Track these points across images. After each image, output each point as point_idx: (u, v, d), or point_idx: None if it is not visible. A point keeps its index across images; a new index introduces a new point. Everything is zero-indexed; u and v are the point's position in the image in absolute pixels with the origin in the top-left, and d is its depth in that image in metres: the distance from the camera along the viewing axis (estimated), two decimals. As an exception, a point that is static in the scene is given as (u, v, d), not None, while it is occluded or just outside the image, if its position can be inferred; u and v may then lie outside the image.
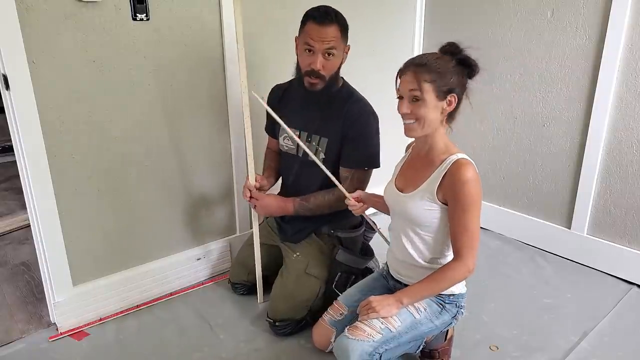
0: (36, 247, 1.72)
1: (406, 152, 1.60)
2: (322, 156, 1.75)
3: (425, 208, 1.39)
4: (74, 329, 1.81)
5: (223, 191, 2.13)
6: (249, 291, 2.00)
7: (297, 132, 1.78)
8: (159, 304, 1.97)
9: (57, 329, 1.79)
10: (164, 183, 1.93)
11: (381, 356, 1.37)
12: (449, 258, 1.44)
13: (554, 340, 1.77)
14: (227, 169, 2.11)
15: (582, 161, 2.18)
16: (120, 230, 1.87)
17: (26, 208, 1.69)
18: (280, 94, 1.87)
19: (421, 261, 1.45)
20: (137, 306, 1.94)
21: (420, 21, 2.65)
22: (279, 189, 1.98)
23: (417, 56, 1.38)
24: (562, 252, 2.33)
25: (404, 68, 1.36)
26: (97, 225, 1.81)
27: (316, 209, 1.77)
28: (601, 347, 1.72)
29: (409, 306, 1.42)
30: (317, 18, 1.60)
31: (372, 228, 1.80)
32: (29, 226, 1.75)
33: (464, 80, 1.37)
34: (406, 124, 1.37)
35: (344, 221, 1.83)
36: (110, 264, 1.88)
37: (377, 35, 2.49)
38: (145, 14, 1.71)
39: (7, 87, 1.51)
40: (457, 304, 1.49)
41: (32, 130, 1.57)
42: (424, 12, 2.64)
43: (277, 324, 1.75)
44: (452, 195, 1.34)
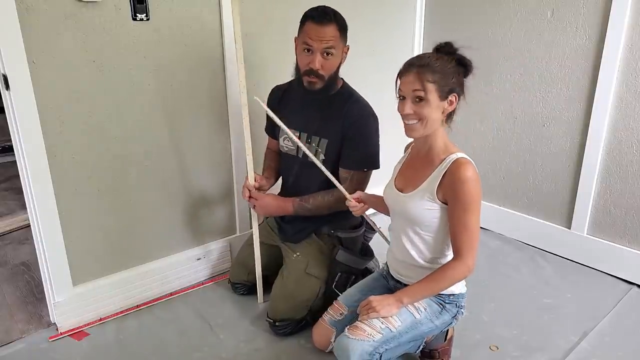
0: (36, 247, 1.72)
1: (405, 152, 1.60)
2: (322, 157, 1.75)
3: (426, 207, 1.39)
4: (74, 329, 1.81)
5: (223, 191, 2.13)
6: (249, 291, 2.00)
7: (297, 133, 1.78)
8: (159, 304, 1.97)
9: (57, 329, 1.79)
10: (164, 183, 1.93)
11: (381, 356, 1.37)
12: (449, 258, 1.44)
13: (554, 340, 1.77)
14: (227, 169, 2.11)
15: (582, 161, 2.18)
16: (120, 230, 1.87)
17: (26, 208, 1.69)
18: (280, 95, 1.87)
19: (421, 261, 1.45)
20: (137, 306, 1.94)
21: (420, 21, 2.65)
22: (279, 189, 1.98)
23: (417, 57, 1.38)
24: (562, 252, 2.33)
25: (406, 68, 1.35)
26: (97, 225, 1.81)
27: (315, 210, 1.77)
28: (601, 347, 1.72)
29: (409, 306, 1.42)
30: (316, 18, 1.60)
31: (372, 228, 1.80)
32: (29, 226, 1.75)
33: (462, 80, 1.38)
34: (408, 124, 1.37)
35: (345, 221, 1.83)
36: (110, 264, 1.89)
37: (377, 35, 2.49)
38: (145, 14, 1.71)
39: (7, 87, 1.51)
40: (457, 304, 1.49)
41: (32, 130, 1.57)
42: (424, 12, 2.64)
43: (277, 324, 1.75)
44: (452, 194, 1.34)
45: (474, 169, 1.34)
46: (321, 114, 1.75)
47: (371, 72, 2.46)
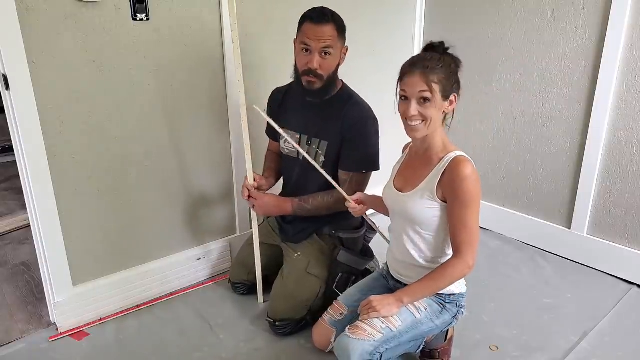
0: (36, 247, 1.72)
1: (403, 152, 1.60)
2: (322, 159, 1.75)
3: (426, 207, 1.39)
4: (74, 329, 1.81)
5: (223, 191, 2.13)
6: (249, 291, 2.00)
7: (298, 135, 1.78)
8: (159, 304, 1.97)
9: (57, 329, 1.79)
10: (164, 183, 1.93)
11: (382, 356, 1.37)
12: (449, 257, 1.44)
13: (554, 340, 1.77)
14: (227, 169, 2.11)
15: (582, 161, 2.18)
16: (120, 230, 1.87)
17: (26, 208, 1.69)
18: (281, 98, 1.88)
19: (422, 261, 1.45)
20: (137, 306, 1.94)
21: (420, 21, 2.65)
22: (279, 190, 1.98)
23: (417, 57, 1.37)
24: (562, 252, 2.33)
25: (409, 69, 1.33)
26: (97, 225, 1.81)
27: (315, 210, 1.77)
28: (601, 347, 1.72)
29: (410, 306, 1.42)
30: (314, 18, 1.61)
31: (373, 229, 1.80)
32: (29, 226, 1.75)
33: (459, 79, 1.38)
34: (412, 125, 1.35)
35: (346, 222, 1.83)
36: (110, 264, 1.88)
37: (377, 35, 2.49)
38: (145, 14, 1.71)
39: (7, 87, 1.51)
40: (458, 304, 1.49)
41: (32, 130, 1.57)
42: (424, 12, 2.64)
43: (277, 323, 1.75)
44: (452, 192, 1.34)
45: (472, 167, 1.34)
46: (321, 116, 1.75)
47: (371, 73, 2.46)
